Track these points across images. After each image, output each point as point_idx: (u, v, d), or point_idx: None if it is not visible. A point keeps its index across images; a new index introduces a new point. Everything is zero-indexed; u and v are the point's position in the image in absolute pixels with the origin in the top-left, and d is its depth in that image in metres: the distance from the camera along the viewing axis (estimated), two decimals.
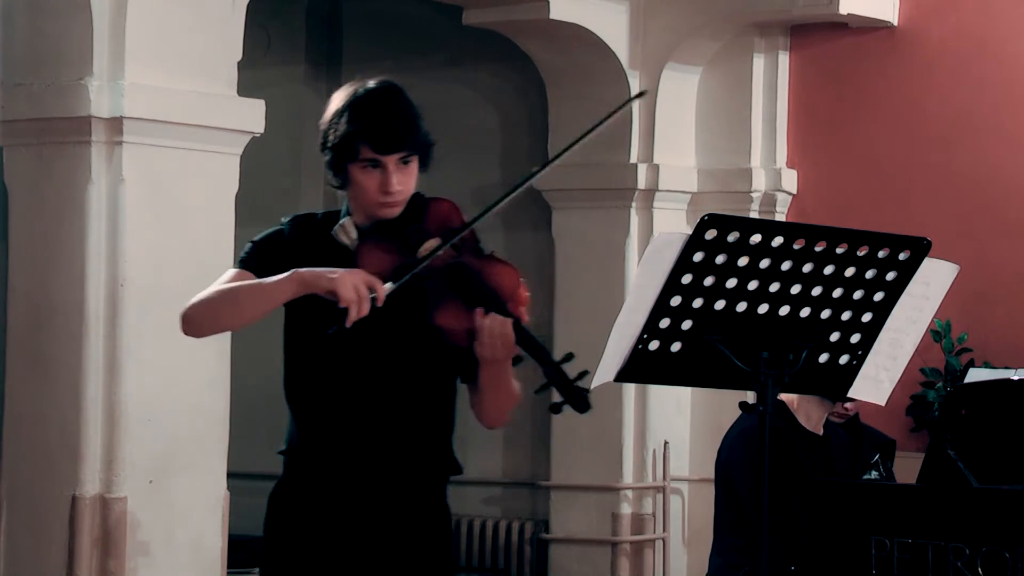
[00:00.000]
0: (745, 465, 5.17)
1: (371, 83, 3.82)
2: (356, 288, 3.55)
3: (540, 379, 3.60)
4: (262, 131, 6.68)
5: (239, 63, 6.64)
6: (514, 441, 8.82)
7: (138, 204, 6.29)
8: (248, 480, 8.59)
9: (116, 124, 6.24)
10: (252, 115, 6.62)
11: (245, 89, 6.70)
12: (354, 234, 3.74)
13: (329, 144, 3.77)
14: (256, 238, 3.81)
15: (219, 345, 6.51)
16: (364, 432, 3.72)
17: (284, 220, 3.84)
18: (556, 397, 3.61)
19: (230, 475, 6.65)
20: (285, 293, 3.61)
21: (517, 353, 3.64)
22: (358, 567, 3.74)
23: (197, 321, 3.72)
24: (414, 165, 3.76)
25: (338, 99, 3.81)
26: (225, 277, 3.74)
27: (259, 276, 3.68)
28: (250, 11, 6.68)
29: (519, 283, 3.70)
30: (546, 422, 8.57)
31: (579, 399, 3.57)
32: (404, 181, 3.73)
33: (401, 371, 3.73)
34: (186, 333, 3.76)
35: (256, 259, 3.75)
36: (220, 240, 6.53)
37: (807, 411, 5.32)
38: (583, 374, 3.58)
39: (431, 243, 3.67)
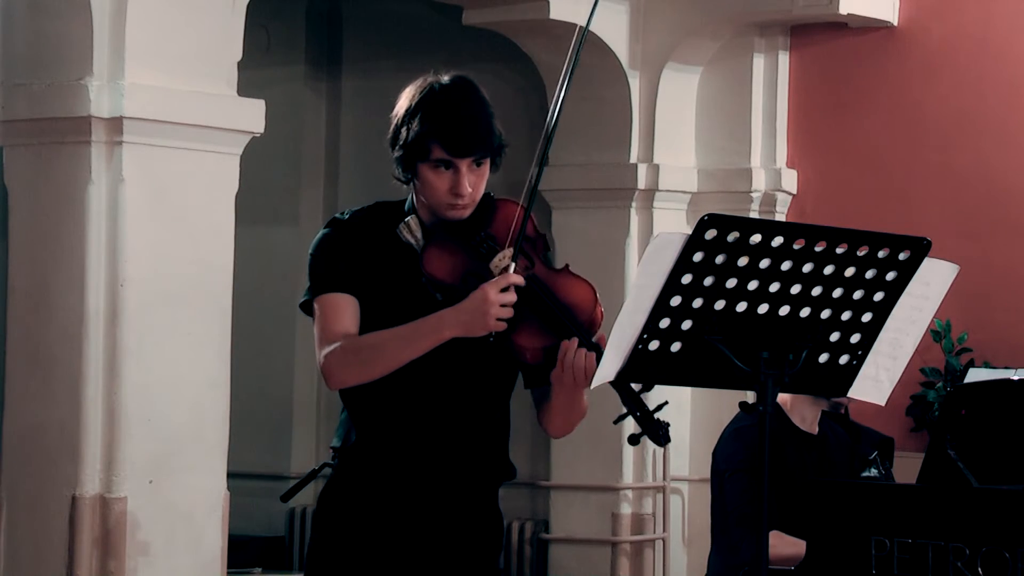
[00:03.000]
0: (733, 467, 5.18)
1: (445, 78, 3.75)
2: (501, 316, 3.52)
3: (618, 406, 3.59)
4: (262, 131, 6.68)
5: (239, 63, 6.64)
6: (514, 441, 8.74)
7: (138, 204, 6.29)
8: (248, 480, 8.61)
9: (116, 124, 6.24)
10: (252, 115, 6.62)
11: (245, 89, 6.70)
12: (419, 233, 3.66)
13: (400, 142, 3.67)
14: (315, 250, 3.70)
15: (219, 345, 6.51)
16: (425, 434, 3.68)
17: (342, 214, 3.74)
18: (635, 428, 3.60)
19: (230, 475, 6.65)
20: (429, 348, 3.57)
21: (620, 409, 3.62)
22: (409, 569, 3.68)
23: (345, 379, 3.63)
24: (486, 167, 3.73)
25: (410, 95, 3.72)
26: (327, 312, 3.62)
27: (350, 291, 3.61)
28: (250, 11, 6.68)
29: (596, 302, 3.67)
30: None
31: (659, 432, 3.57)
32: (476, 183, 3.69)
33: (467, 375, 3.69)
34: (331, 388, 3.68)
35: (336, 275, 3.64)
36: (220, 240, 6.54)
37: (801, 411, 5.33)
38: (662, 405, 3.58)
39: (504, 255, 3.59)
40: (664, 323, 3.49)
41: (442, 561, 3.71)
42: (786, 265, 3.51)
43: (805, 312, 3.57)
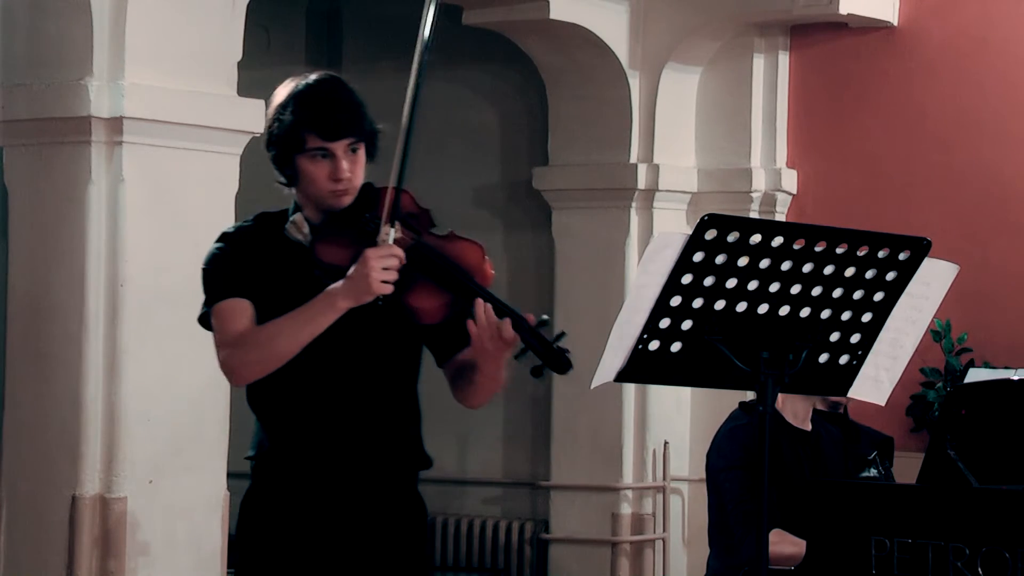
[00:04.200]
0: (727, 465, 5.19)
1: (312, 76, 3.86)
2: (385, 278, 3.58)
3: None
4: (262, 131, 6.67)
5: (239, 63, 6.64)
6: (514, 441, 8.82)
7: (138, 204, 6.29)
8: (248, 480, 8.60)
9: (116, 124, 6.24)
10: (252, 115, 6.61)
11: (245, 89, 6.70)
12: (306, 229, 3.76)
13: (274, 138, 3.79)
14: (207, 264, 3.79)
15: None
16: (333, 429, 3.74)
17: (229, 229, 3.84)
18: (535, 360, 3.62)
19: (230, 475, 6.65)
20: (327, 323, 3.62)
21: (517, 344, 3.66)
22: (336, 567, 3.74)
23: (246, 372, 3.69)
24: (362, 153, 3.81)
25: (280, 94, 3.84)
26: (224, 316, 3.70)
27: (244, 295, 3.69)
28: (250, 11, 6.68)
29: (484, 257, 3.73)
30: (546, 422, 8.57)
31: (559, 360, 3.60)
32: (353, 169, 3.77)
33: (368, 361, 3.74)
34: (236, 385, 3.76)
35: (230, 282, 3.73)
36: None
37: (793, 407, 5.34)
38: (561, 335, 3.60)
39: (386, 228, 3.67)
40: (664, 323, 3.49)
41: (367, 556, 3.75)
42: (786, 265, 3.51)
43: (805, 312, 3.57)
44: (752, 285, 3.50)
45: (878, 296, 3.63)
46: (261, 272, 3.73)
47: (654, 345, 3.51)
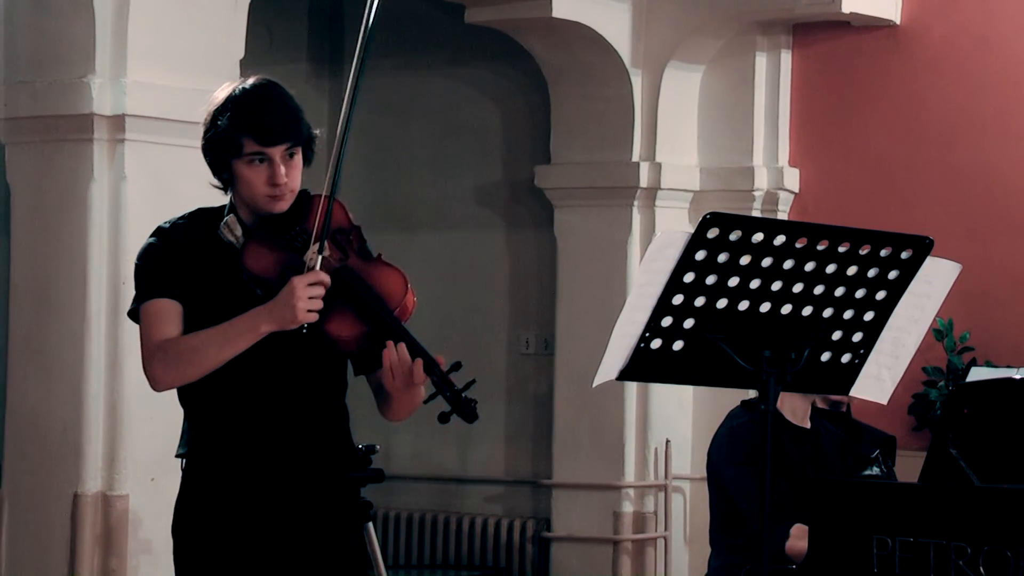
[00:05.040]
0: (733, 464, 5.19)
1: (249, 81, 3.86)
2: (311, 307, 3.61)
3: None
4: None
5: (241, 61, 6.64)
6: (516, 439, 8.82)
7: (140, 201, 6.30)
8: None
9: (118, 121, 6.24)
10: None
11: None
12: (239, 232, 3.77)
13: (210, 142, 3.78)
14: (139, 260, 3.83)
15: None
16: (259, 431, 3.75)
17: (165, 224, 3.87)
18: (445, 407, 3.63)
19: None
20: (249, 344, 3.66)
21: (428, 386, 3.66)
22: (268, 566, 3.75)
23: (167, 380, 3.76)
24: (298, 158, 3.82)
25: (217, 98, 3.82)
26: (152, 317, 3.74)
27: (174, 297, 3.72)
28: (252, 9, 6.68)
29: (407, 288, 3.73)
30: (548, 420, 8.57)
31: (467, 410, 3.60)
32: (291, 174, 3.78)
33: (292, 369, 3.76)
34: (156, 390, 3.81)
35: (160, 282, 3.76)
36: None
37: (792, 405, 5.34)
38: (470, 384, 3.61)
39: (314, 248, 3.67)
40: (666, 321, 3.49)
41: (300, 555, 3.75)
42: (788, 264, 3.51)
43: (807, 311, 3.57)
44: (754, 283, 3.50)
45: (880, 295, 3.63)
46: (192, 271, 3.75)
47: (656, 343, 3.51)
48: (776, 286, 3.52)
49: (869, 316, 3.64)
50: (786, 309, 3.55)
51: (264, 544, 3.75)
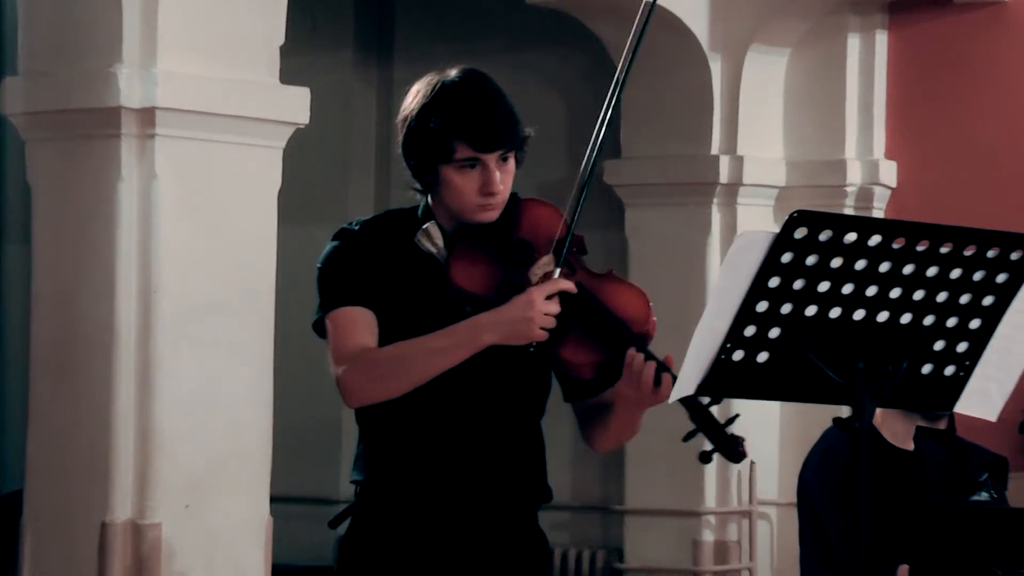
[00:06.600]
0: (828, 491, 5.15)
1: (454, 73, 3.75)
2: (545, 325, 3.52)
3: (686, 423, 3.60)
4: (307, 122, 6.70)
5: (282, 48, 6.66)
6: (584, 461, 8.82)
7: (172, 203, 6.32)
8: (293, 504, 8.64)
9: (148, 115, 6.27)
10: (296, 105, 6.64)
11: (288, 76, 6.72)
12: (441, 242, 3.69)
13: (415, 145, 3.68)
14: (324, 263, 3.73)
15: (261, 356, 6.53)
16: (453, 460, 3.68)
17: (352, 224, 3.77)
18: (706, 445, 3.61)
19: (273, 499, 6.67)
20: (466, 356, 3.56)
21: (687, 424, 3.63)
22: None
23: (367, 395, 3.62)
24: (512, 163, 3.76)
25: (419, 92, 3.72)
26: (344, 326, 3.63)
27: (367, 305, 3.62)
28: None
29: (649, 310, 3.69)
30: None
31: (732, 448, 3.59)
32: (505, 180, 3.71)
33: (500, 391, 3.68)
34: (351, 406, 3.67)
35: (351, 289, 3.66)
36: (262, 242, 6.55)
37: (892, 426, 5.30)
38: (734, 418, 3.59)
39: (545, 262, 3.60)
40: (749, 331, 3.48)
41: None
42: (885, 266, 3.49)
43: (906, 318, 3.56)
44: (847, 289, 3.49)
45: (987, 300, 3.61)
46: (386, 281, 3.66)
47: (738, 355, 3.50)
48: (871, 291, 3.51)
49: (975, 324, 3.62)
50: (882, 316, 3.54)
51: None
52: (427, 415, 3.66)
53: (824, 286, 3.48)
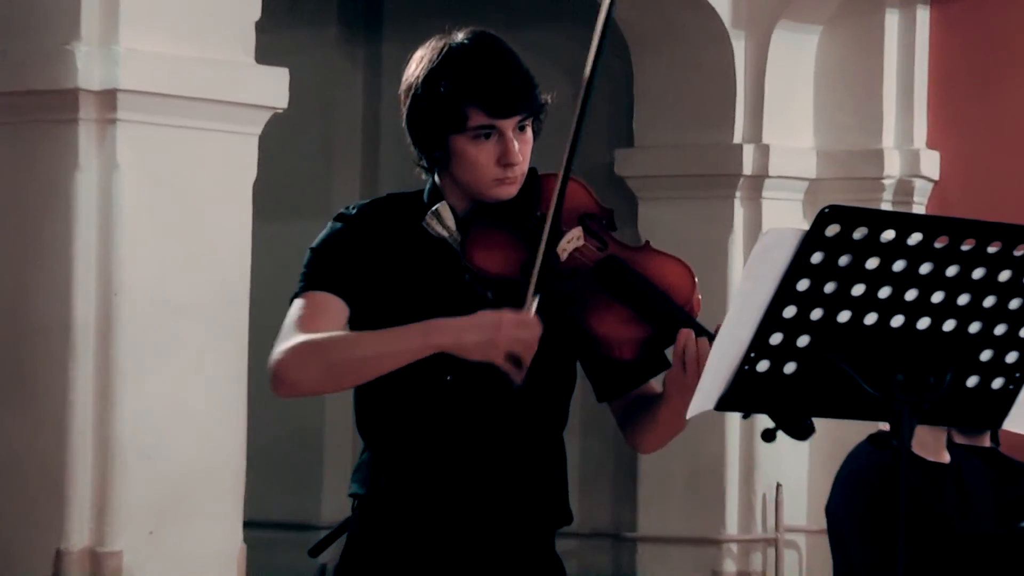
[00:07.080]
0: (856, 518, 5.15)
1: (461, 35, 3.74)
2: (509, 348, 3.47)
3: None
4: (286, 106, 6.71)
5: (258, 24, 6.67)
6: (593, 483, 8.82)
7: (135, 195, 6.33)
8: (269, 530, 8.64)
9: (109, 98, 6.28)
10: (274, 87, 6.65)
11: (266, 56, 6.72)
12: (452, 224, 3.67)
13: (423, 113, 3.67)
14: (316, 244, 3.70)
15: (234, 366, 6.54)
16: (466, 476, 3.67)
17: (349, 208, 3.74)
18: (768, 422, 3.62)
19: (247, 524, 6.68)
20: (414, 356, 3.52)
21: None
22: None
23: (300, 381, 3.57)
24: (529, 132, 3.75)
25: (424, 58, 3.71)
26: (306, 310, 3.60)
27: (343, 296, 3.60)
28: None
29: (693, 280, 3.71)
30: (631, 460, 8.56)
31: (798, 425, 3.60)
32: (523, 150, 3.71)
33: (520, 396, 3.65)
34: (279, 393, 3.61)
35: (332, 275, 3.64)
36: (235, 239, 6.56)
37: (920, 437, 5.27)
38: None
39: (574, 235, 3.61)
40: (776, 339, 3.48)
41: None
42: (926, 268, 3.49)
43: (949, 325, 3.56)
44: (884, 292, 3.49)
45: None
46: (391, 270, 3.64)
47: (763, 366, 3.50)
48: (911, 295, 3.51)
49: None
50: (923, 323, 3.54)
51: None
52: (440, 421, 3.65)
53: (859, 289, 3.48)
